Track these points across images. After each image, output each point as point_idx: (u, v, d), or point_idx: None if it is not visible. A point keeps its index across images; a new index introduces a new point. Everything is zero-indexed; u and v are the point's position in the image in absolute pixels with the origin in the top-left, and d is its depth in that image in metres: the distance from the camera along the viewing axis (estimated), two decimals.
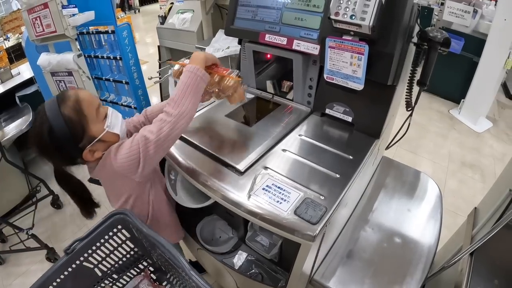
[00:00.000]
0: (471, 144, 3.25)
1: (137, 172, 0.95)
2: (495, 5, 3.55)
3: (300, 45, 1.29)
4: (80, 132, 0.94)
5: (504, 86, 4.37)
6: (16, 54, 3.95)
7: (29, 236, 2.30)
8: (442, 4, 3.77)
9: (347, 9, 1.01)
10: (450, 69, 3.75)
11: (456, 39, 3.50)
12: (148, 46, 7.28)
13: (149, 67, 5.56)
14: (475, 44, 3.50)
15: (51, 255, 2.34)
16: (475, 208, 1.59)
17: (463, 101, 3.61)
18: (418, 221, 1.46)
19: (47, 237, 2.49)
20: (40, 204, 2.70)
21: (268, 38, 1.36)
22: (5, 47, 3.87)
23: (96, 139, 0.97)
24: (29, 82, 3.26)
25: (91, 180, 3.02)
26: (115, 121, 1.01)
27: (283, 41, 1.32)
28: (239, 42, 1.54)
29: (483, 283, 1.17)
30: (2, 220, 2.32)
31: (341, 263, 1.29)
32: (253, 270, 1.22)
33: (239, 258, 1.27)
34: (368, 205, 1.52)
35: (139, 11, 11.20)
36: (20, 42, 4.15)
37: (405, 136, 1.47)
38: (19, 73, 3.37)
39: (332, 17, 1.04)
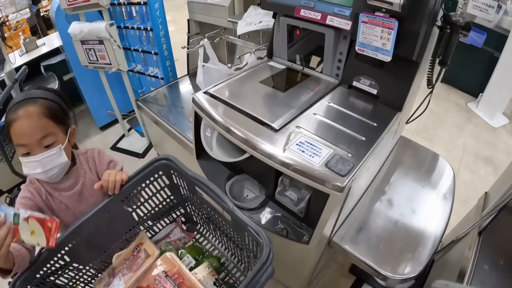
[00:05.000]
0: (486, 138, 3.27)
1: None
2: None
3: (333, 21, 1.35)
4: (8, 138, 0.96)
5: None
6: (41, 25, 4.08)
7: None
8: None
9: None
10: (470, 62, 3.74)
11: (479, 32, 3.50)
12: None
13: None
14: (497, 39, 3.49)
15: None
16: (486, 192, 1.64)
17: (481, 95, 3.61)
18: (431, 197, 1.55)
19: None
20: None
21: (303, 13, 1.43)
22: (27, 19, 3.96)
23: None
24: (54, 52, 3.35)
25: (113, 148, 3.14)
26: (29, 167, 0.96)
27: (317, 16, 1.39)
28: (274, 16, 1.61)
29: (489, 262, 1.22)
30: None
31: (358, 229, 1.39)
32: (278, 226, 1.32)
33: (266, 214, 1.37)
34: (385, 178, 1.61)
35: None
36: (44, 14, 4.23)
37: (422, 124, 1.54)
38: (44, 44, 3.45)
39: None
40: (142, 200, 1.15)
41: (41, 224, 0.82)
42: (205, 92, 1.42)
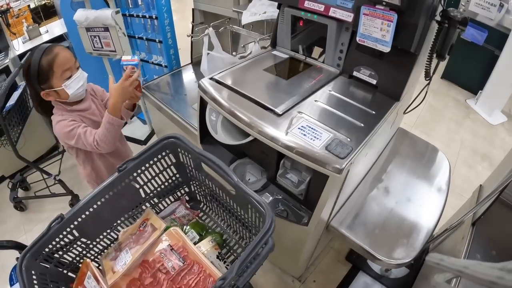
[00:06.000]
0: (484, 134, 3.32)
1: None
2: None
3: (336, 12, 1.40)
4: (44, 79, 1.25)
5: None
6: (45, 13, 4.09)
7: (56, 181, 2.40)
8: None
9: None
10: (471, 59, 3.78)
11: (480, 30, 3.53)
12: None
13: None
14: (498, 37, 3.52)
15: (75, 201, 2.43)
16: (480, 185, 1.69)
17: (480, 92, 3.66)
18: (427, 186, 1.60)
19: (71, 185, 2.55)
20: (64, 155, 2.76)
21: (307, 4, 1.47)
22: (30, 5, 3.96)
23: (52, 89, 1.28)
24: (57, 40, 3.36)
25: None
26: (73, 85, 1.30)
27: (320, 7, 1.43)
28: (278, 7, 1.65)
29: (481, 252, 1.27)
30: (34, 165, 2.37)
31: (355, 214, 1.45)
32: (279, 207, 1.37)
33: (267, 197, 1.42)
34: (383, 167, 1.66)
35: None
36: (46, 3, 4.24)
37: (421, 118, 1.58)
38: (47, 31, 3.47)
39: None
40: (149, 177, 1.20)
41: None
42: (211, 78, 1.47)
